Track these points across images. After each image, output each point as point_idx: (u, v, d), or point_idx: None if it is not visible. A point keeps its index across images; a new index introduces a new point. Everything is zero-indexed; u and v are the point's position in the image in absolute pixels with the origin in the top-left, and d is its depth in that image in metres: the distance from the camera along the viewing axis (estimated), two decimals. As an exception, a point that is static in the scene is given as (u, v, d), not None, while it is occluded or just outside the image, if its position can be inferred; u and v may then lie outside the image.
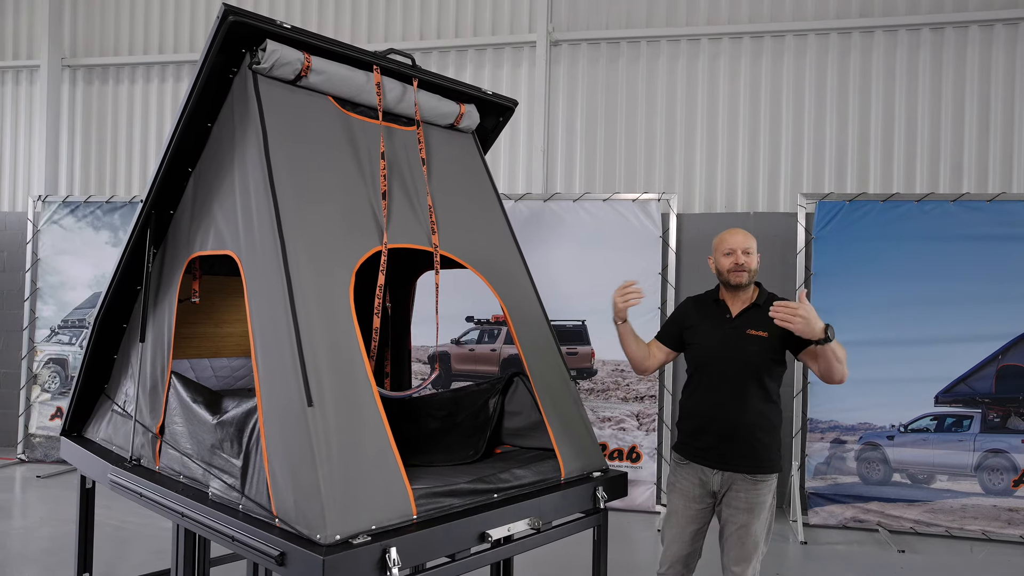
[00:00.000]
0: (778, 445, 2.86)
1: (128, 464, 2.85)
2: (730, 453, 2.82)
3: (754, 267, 2.85)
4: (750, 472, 2.80)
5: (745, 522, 2.78)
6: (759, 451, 2.80)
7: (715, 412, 2.85)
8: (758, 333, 2.79)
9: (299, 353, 2.13)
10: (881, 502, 5.34)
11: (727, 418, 2.82)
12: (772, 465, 2.83)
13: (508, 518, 2.38)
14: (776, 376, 2.86)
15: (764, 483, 2.81)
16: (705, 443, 2.88)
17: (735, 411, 2.80)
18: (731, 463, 2.82)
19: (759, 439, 2.80)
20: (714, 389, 2.86)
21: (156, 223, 2.88)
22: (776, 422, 2.86)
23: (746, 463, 2.81)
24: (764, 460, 2.81)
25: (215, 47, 2.40)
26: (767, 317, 2.68)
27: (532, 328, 3.00)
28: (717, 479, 2.85)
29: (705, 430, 2.88)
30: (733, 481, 2.82)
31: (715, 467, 2.85)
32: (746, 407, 2.79)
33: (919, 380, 5.30)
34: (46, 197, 7.10)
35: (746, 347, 2.80)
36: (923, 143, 6.07)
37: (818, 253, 5.50)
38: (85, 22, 7.91)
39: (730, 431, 2.82)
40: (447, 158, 3.08)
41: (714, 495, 2.88)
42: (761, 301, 2.86)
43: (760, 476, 2.80)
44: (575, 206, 5.96)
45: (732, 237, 2.87)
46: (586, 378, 5.85)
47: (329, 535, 1.95)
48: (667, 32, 6.46)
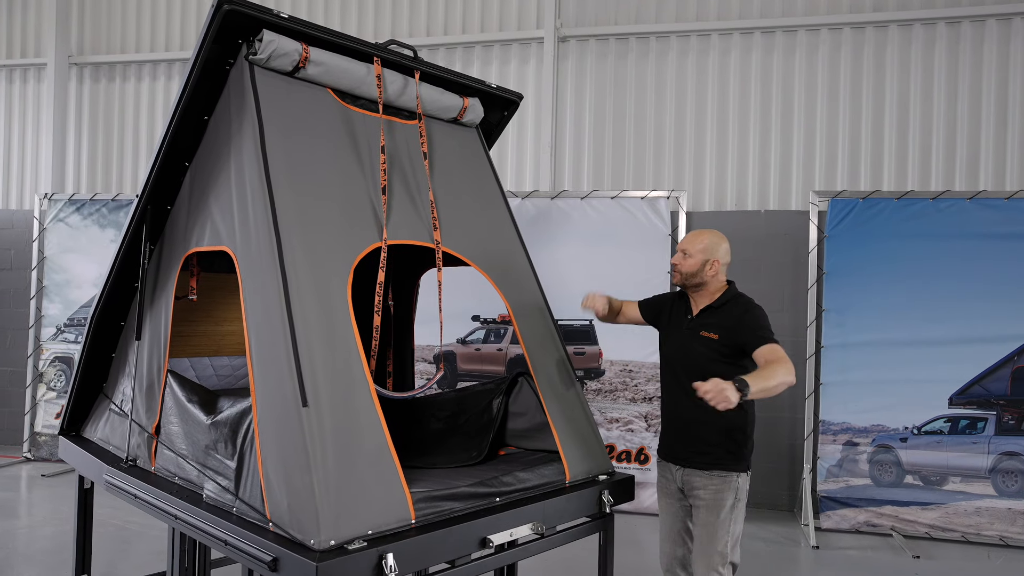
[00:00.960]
0: (738, 446, 2.76)
1: (124, 464, 2.80)
2: (684, 449, 2.83)
3: (687, 270, 2.82)
4: (705, 469, 2.76)
5: (703, 520, 2.75)
6: (710, 449, 2.75)
7: (672, 409, 2.89)
8: (708, 335, 2.77)
9: (294, 352, 2.07)
10: (895, 506, 5.23)
11: (680, 415, 2.84)
12: (728, 463, 2.75)
13: (510, 523, 2.31)
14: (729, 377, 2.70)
15: (722, 480, 2.74)
16: (668, 440, 2.92)
17: (687, 409, 2.77)
18: (686, 460, 2.82)
19: (709, 437, 2.75)
20: (671, 387, 2.90)
21: (153, 219, 2.82)
22: (738, 423, 2.75)
23: (698, 460, 2.78)
24: (718, 457, 2.75)
25: (210, 37, 2.34)
26: (720, 318, 2.76)
27: (537, 327, 2.93)
28: (679, 475, 2.85)
29: (669, 428, 2.92)
30: (692, 478, 2.80)
31: (677, 463, 2.86)
32: (698, 406, 2.62)
33: (933, 381, 5.18)
34: (52, 195, 7.08)
35: (696, 347, 2.78)
36: (938, 139, 5.95)
37: (831, 252, 5.39)
38: (92, 20, 7.88)
39: (683, 428, 2.83)
40: (450, 153, 3.01)
41: (682, 492, 2.86)
42: (719, 303, 2.81)
43: (715, 472, 2.75)
44: (583, 204, 5.88)
45: (686, 237, 2.92)
46: (593, 378, 5.77)
47: (323, 540, 1.89)
48: (677, 27, 6.37)
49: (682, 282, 2.87)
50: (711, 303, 2.82)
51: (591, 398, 5.76)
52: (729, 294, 2.84)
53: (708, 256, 2.81)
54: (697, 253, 2.81)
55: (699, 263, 2.80)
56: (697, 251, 2.81)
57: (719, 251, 2.83)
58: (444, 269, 2.79)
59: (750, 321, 2.70)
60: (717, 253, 2.82)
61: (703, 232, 2.88)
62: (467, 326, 5.99)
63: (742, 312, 2.74)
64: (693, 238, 2.87)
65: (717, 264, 2.82)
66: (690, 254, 2.82)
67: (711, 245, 2.82)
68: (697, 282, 2.83)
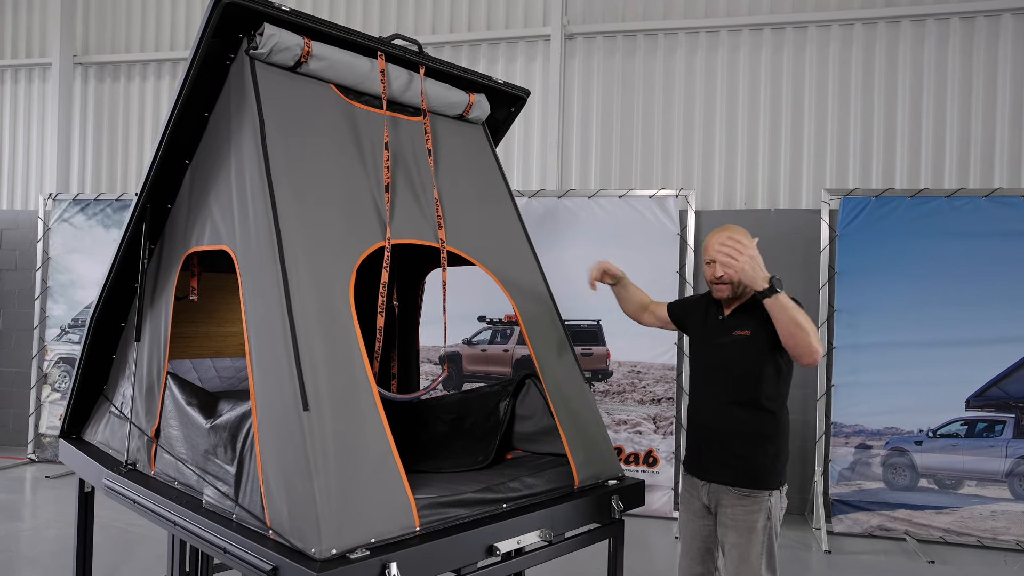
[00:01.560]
0: (771, 459, 2.52)
1: (123, 469, 2.74)
2: (712, 463, 2.59)
3: (739, 278, 2.47)
4: (733, 485, 2.53)
5: (734, 542, 2.51)
6: (742, 463, 2.52)
7: (700, 417, 2.67)
8: (742, 332, 2.54)
9: (295, 354, 2.01)
10: (909, 509, 5.13)
11: (709, 424, 2.62)
12: (761, 481, 2.50)
13: (518, 530, 2.24)
14: (767, 379, 2.51)
15: (753, 500, 2.50)
16: (695, 452, 2.70)
17: (716, 417, 2.58)
18: (713, 475, 2.59)
19: (740, 449, 2.52)
20: (700, 393, 2.70)
21: (154, 218, 2.76)
22: (768, 432, 2.53)
23: (727, 475, 2.55)
24: (749, 474, 2.51)
25: (209, 31, 2.28)
26: (755, 314, 2.48)
27: (544, 328, 2.86)
28: (705, 492, 2.63)
29: (694, 437, 2.71)
30: (720, 495, 2.57)
31: (702, 478, 2.64)
32: (727, 414, 2.54)
33: (949, 383, 5.09)
34: (56, 195, 7.05)
35: (729, 348, 2.56)
36: (952, 136, 5.85)
37: (842, 251, 5.31)
38: (97, 19, 7.86)
39: (711, 439, 2.61)
40: (455, 150, 2.94)
41: (708, 510, 2.65)
42: (748, 306, 2.58)
43: (745, 491, 2.51)
44: (590, 203, 5.81)
45: (709, 240, 2.57)
46: (601, 380, 5.69)
47: (324, 549, 1.83)
48: (685, 24, 6.29)
49: (732, 293, 2.57)
50: (745, 301, 2.60)
51: (599, 399, 5.68)
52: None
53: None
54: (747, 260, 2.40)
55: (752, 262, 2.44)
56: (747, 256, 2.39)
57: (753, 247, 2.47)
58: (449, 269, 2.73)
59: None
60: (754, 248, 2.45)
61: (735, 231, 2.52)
62: (473, 327, 5.92)
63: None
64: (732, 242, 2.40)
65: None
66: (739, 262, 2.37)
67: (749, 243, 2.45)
68: (745, 287, 2.53)
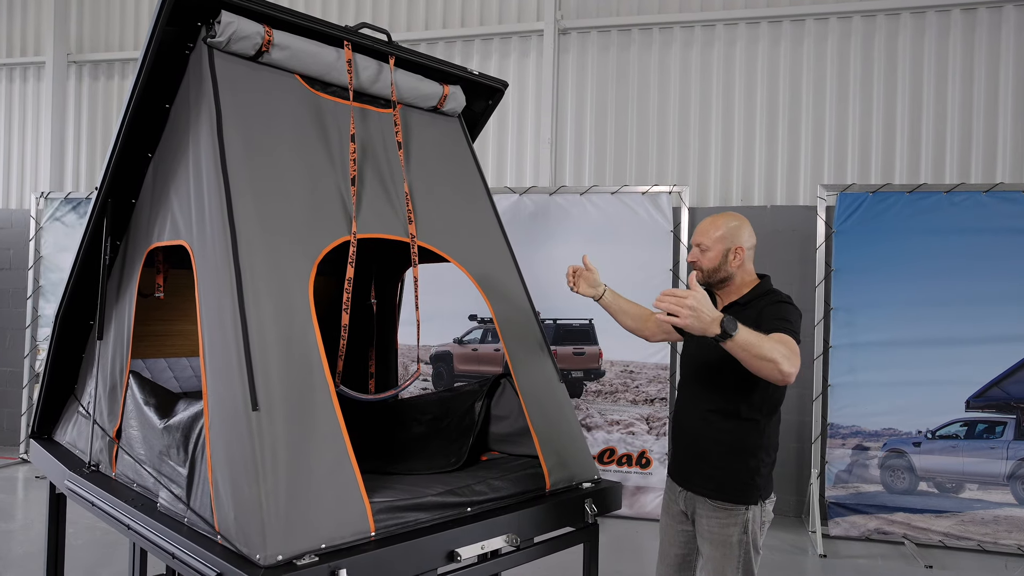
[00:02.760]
0: (750, 473, 2.33)
1: (86, 470, 2.67)
2: (690, 471, 2.45)
3: (709, 266, 2.39)
4: (709, 498, 2.38)
5: (710, 555, 2.37)
6: (719, 475, 2.35)
7: (681, 422, 2.52)
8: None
9: (245, 351, 1.93)
10: (907, 512, 5.02)
11: (689, 430, 2.47)
12: (738, 495, 2.33)
13: (481, 535, 2.15)
14: (748, 387, 2.30)
15: (728, 514, 2.34)
16: (673, 457, 2.57)
17: (695, 424, 2.43)
18: (691, 483, 2.45)
19: (719, 460, 2.36)
20: (683, 396, 2.55)
21: (116, 213, 2.70)
22: (750, 444, 2.34)
23: (705, 486, 2.39)
24: (726, 487, 2.34)
25: (163, 18, 2.21)
26: (745, 317, 2.23)
27: (519, 326, 2.77)
28: (683, 498, 2.50)
29: (676, 444, 2.55)
30: (696, 505, 2.43)
31: (680, 484, 2.51)
32: (707, 421, 2.38)
33: (948, 383, 4.97)
34: (48, 194, 7.02)
35: (712, 351, 2.25)
36: (953, 130, 5.72)
37: (839, 248, 5.20)
38: (91, 17, 7.82)
39: (690, 446, 2.46)
40: (429, 143, 2.86)
41: (687, 516, 2.51)
42: (745, 300, 2.40)
43: (721, 504, 2.35)
44: (582, 200, 5.71)
45: (698, 228, 2.46)
46: (593, 379, 5.60)
47: (270, 555, 1.75)
48: (680, 18, 6.18)
49: (706, 280, 2.42)
50: (738, 299, 2.41)
51: (591, 399, 5.59)
52: (761, 289, 2.40)
53: (729, 244, 2.37)
54: (715, 244, 2.37)
55: (720, 255, 2.37)
56: (715, 241, 2.37)
57: (741, 236, 2.38)
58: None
59: (772, 312, 2.26)
60: (740, 238, 2.37)
61: (718, 217, 2.42)
62: (464, 326, 5.84)
63: (767, 306, 2.30)
64: (708, 227, 2.40)
65: (741, 251, 2.37)
66: (707, 247, 2.39)
67: (730, 231, 2.37)
68: (722, 277, 2.40)
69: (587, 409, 5.58)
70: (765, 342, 2.04)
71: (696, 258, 2.44)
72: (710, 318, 1.97)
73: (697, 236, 2.45)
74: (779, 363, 2.02)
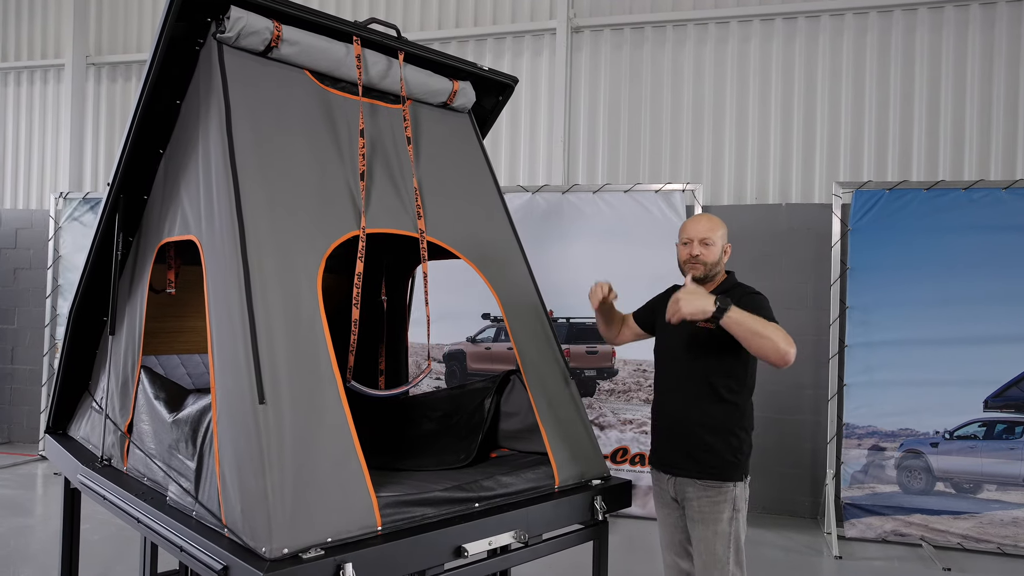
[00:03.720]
0: (734, 451, 2.53)
1: (98, 464, 2.70)
2: (675, 455, 2.60)
3: (712, 259, 2.60)
4: (697, 478, 2.53)
5: (701, 535, 2.52)
6: (703, 455, 2.52)
7: (662, 409, 2.68)
8: (706, 325, 2.49)
9: (252, 344, 1.93)
10: (924, 514, 4.94)
11: (670, 415, 2.63)
12: (724, 472, 2.51)
13: (489, 530, 2.14)
14: (728, 372, 2.54)
15: (717, 492, 2.51)
16: (656, 445, 2.71)
17: (676, 408, 2.59)
18: (677, 467, 2.59)
19: (704, 441, 2.52)
20: (661, 385, 2.71)
21: (128, 209, 2.72)
22: (731, 425, 2.54)
23: (691, 467, 2.55)
24: (712, 465, 2.51)
25: (173, 13, 2.22)
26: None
27: (529, 323, 2.76)
28: (671, 485, 2.63)
29: (657, 432, 2.71)
30: (685, 488, 2.57)
31: (666, 472, 2.64)
32: (688, 404, 2.55)
33: (966, 383, 4.89)
34: (67, 194, 7.10)
35: (691, 339, 2.55)
36: (972, 126, 5.64)
37: (855, 246, 5.13)
38: (109, 19, 7.91)
39: (672, 430, 2.62)
40: (438, 139, 2.86)
41: (677, 503, 2.64)
42: (719, 291, 2.58)
43: (710, 483, 2.51)
44: (595, 198, 5.69)
45: (693, 225, 2.64)
46: (607, 378, 5.57)
47: (275, 548, 1.75)
48: (694, 15, 6.15)
49: (705, 274, 2.62)
50: (712, 291, 2.59)
51: (604, 398, 5.57)
52: (730, 283, 2.66)
53: (724, 242, 2.65)
54: (718, 241, 2.62)
55: (720, 251, 2.63)
56: (718, 239, 2.62)
57: (726, 236, 2.68)
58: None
59: (748, 305, 2.46)
60: (727, 238, 2.68)
61: (711, 217, 2.68)
62: (477, 324, 5.84)
63: (742, 297, 2.52)
64: (709, 225, 2.63)
65: (728, 250, 2.66)
66: (712, 242, 2.60)
67: (724, 231, 2.66)
68: (716, 272, 2.64)
69: (600, 408, 5.56)
70: (759, 320, 2.32)
71: (700, 252, 2.60)
72: (704, 301, 2.30)
73: (699, 232, 2.62)
74: (776, 342, 2.29)
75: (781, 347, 2.28)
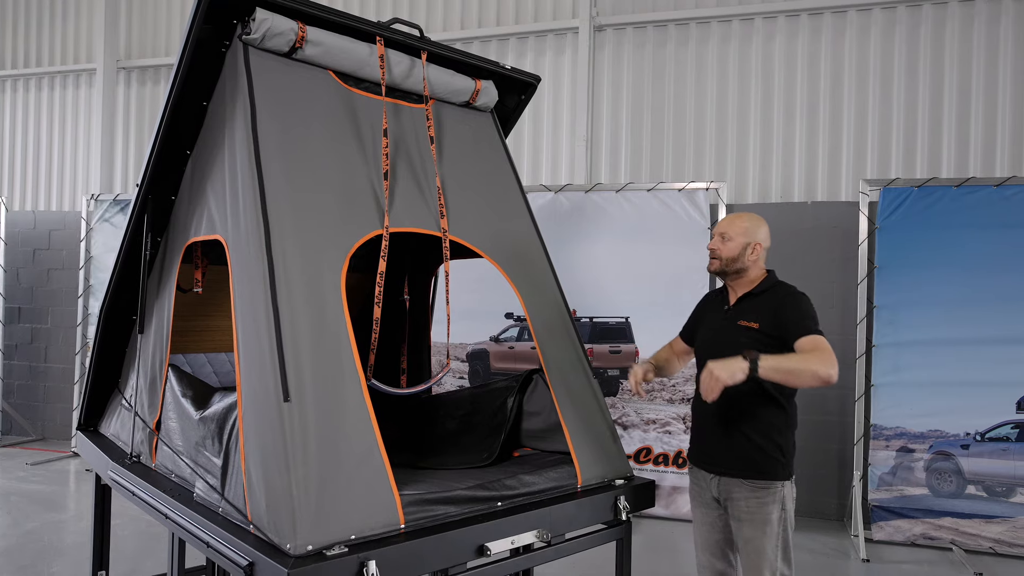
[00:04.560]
0: (781, 450, 2.51)
1: (127, 461, 2.74)
2: (721, 456, 2.57)
3: (728, 255, 2.59)
4: (745, 478, 2.50)
5: (749, 536, 2.48)
6: (753, 454, 2.49)
7: (706, 410, 2.60)
8: (748, 324, 2.52)
9: (277, 342, 1.95)
10: (955, 517, 4.85)
11: (717, 417, 2.56)
12: (773, 472, 2.49)
13: (512, 529, 2.14)
14: None
15: (766, 492, 2.48)
16: (701, 445, 2.67)
17: (724, 409, 2.52)
18: (724, 467, 2.56)
19: (752, 441, 2.50)
20: None
21: (157, 209, 2.76)
22: (778, 424, 2.52)
23: (739, 467, 2.51)
24: (761, 465, 2.49)
25: (200, 16, 2.25)
26: (761, 306, 2.55)
27: (551, 322, 2.76)
28: (715, 485, 2.59)
29: (700, 430, 2.68)
30: (732, 488, 2.53)
31: (712, 472, 2.61)
32: (735, 405, 2.50)
33: (998, 384, 4.78)
34: (98, 196, 7.24)
35: (735, 338, 2.52)
36: (1004, 121, 5.52)
37: (882, 245, 5.05)
38: (139, 25, 8.05)
39: (719, 431, 2.57)
40: (461, 138, 2.86)
41: (718, 502, 2.61)
42: (759, 290, 2.59)
43: (760, 483, 2.48)
44: (618, 197, 5.66)
45: (722, 219, 2.69)
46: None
47: (299, 545, 1.76)
48: (718, 12, 6.09)
49: (721, 268, 2.63)
50: (751, 290, 2.60)
51: (627, 398, 5.54)
52: (770, 281, 2.62)
53: (749, 239, 2.59)
54: (737, 236, 2.59)
55: (740, 247, 2.58)
56: (737, 234, 2.59)
57: (760, 234, 2.61)
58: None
59: (792, 309, 2.47)
60: (758, 236, 2.60)
61: (741, 215, 2.66)
62: (500, 323, 5.84)
63: (784, 297, 2.52)
64: (731, 221, 2.64)
65: (759, 248, 2.59)
66: (730, 237, 2.60)
67: (751, 227, 2.60)
68: (738, 268, 2.60)
69: (624, 408, 5.53)
70: (792, 358, 2.31)
71: (717, 246, 2.62)
72: (736, 367, 2.25)
73: (721, 227, 2.66)
74: (816, 371, 2.26)
75: (821, 374, 2.25)
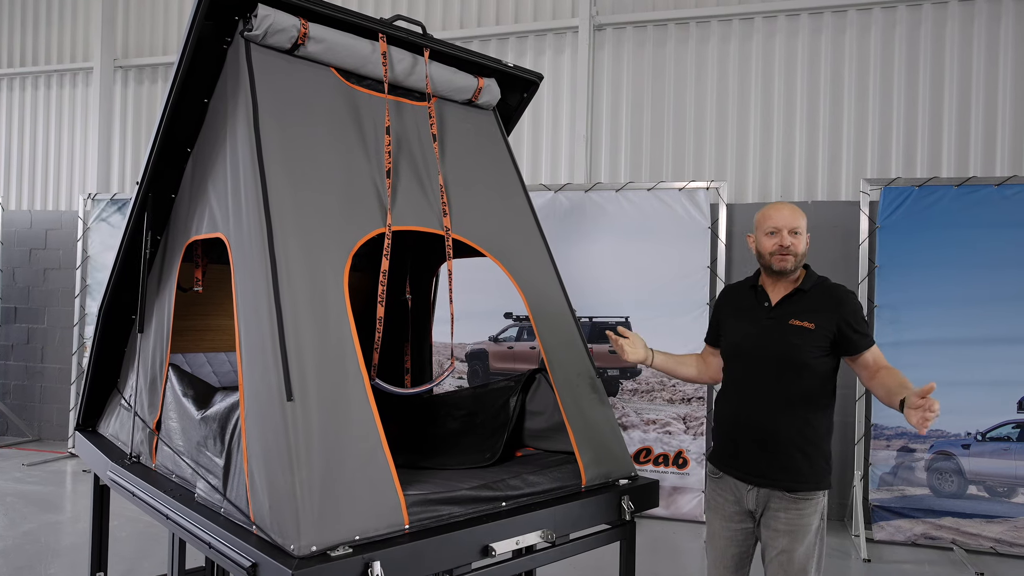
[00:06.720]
0: (826, 458, 2.40)
1: (127, 461, 2.72)
2: (765, 466, 2.40)
3: (802, 250, 2.42)
4: (790, 489, 2.37)
5: (786, 547, 2.36)
6: (800, 465, 2.36)
7: (748, 417, 2.44)
8: (803, 324, 2.36)
9: (280, 341, 1.93)
10: (956, 517, 4.84)
11: (761, 424, 2.40)
12: (818, 482, 2.38)
13: (516, 530, 2.13)
14: (825, 376, 2.40)
15: (808, 503, 2.37)
16: (738, 454, 2.47)
17: (771, 416, 2.39)
18: (767, 478, 2.39)
19: (800, 450, 2.36)
20: (747, 390, 2.47)
21: (157, 208, 2.74)
22: (824, 432, 2.41)
23: (785, 478, 2.37)
24: (807, 476, 2.37)
25: (201, 12, 2.23)
26: (814, 305, 2.40)
27: (555, 320, 2.74)
28: (752, 496, 2.43)
29: (737, 438, 2.48)
30: (770, 499, 2.40)
31: (749, 482, 2.44)
32: (784, 412, 2.37)
33: (999, 384, 4.78)
34: (95, 195, 7.20)
35: (787, 340, 2.37)
36: (1004, 120, 5.52)
37: (883, 244, 5.04)
38: (136, 23, 8.01)
39: (765, 440, 2.40)
40: (463, 136, 2.85)
41: (751, 514, 2.46)
42: (807, 286, 2.44)
43: (802, 494, 2.36)
44: (618, 196, 5.65)
45: (777, 213, 2.43)
46: (630, 378, 5.53)
47: (304, 546, 1.74)
48: (718, 12, 6.08)
49: (793, 267, 2.42)
50: (799, 287, 2.44)
51: (627, 398, 5.53)
52: (813, 276, 2.47)
53: (808, 232, 2.46)
54: (804, 230, 2.43)
55: (808, 240, 2.45)
56: (804, 227, 2.43)
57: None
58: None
59: (853, 314, 2.35)
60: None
61: (792, 206, 2.47)
62: (499, 323, 5.83)
63: (843, 298, 2.39)
64: (795, 213, 2.43)
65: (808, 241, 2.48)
66: (800, 232, 2.41)
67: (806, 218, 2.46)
68: (803, 263, 2.46)
69: (623, 408, 5.52)
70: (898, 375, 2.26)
71: (791, 243, 2.40)
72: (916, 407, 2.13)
73: (788, 221, 2.42)
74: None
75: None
